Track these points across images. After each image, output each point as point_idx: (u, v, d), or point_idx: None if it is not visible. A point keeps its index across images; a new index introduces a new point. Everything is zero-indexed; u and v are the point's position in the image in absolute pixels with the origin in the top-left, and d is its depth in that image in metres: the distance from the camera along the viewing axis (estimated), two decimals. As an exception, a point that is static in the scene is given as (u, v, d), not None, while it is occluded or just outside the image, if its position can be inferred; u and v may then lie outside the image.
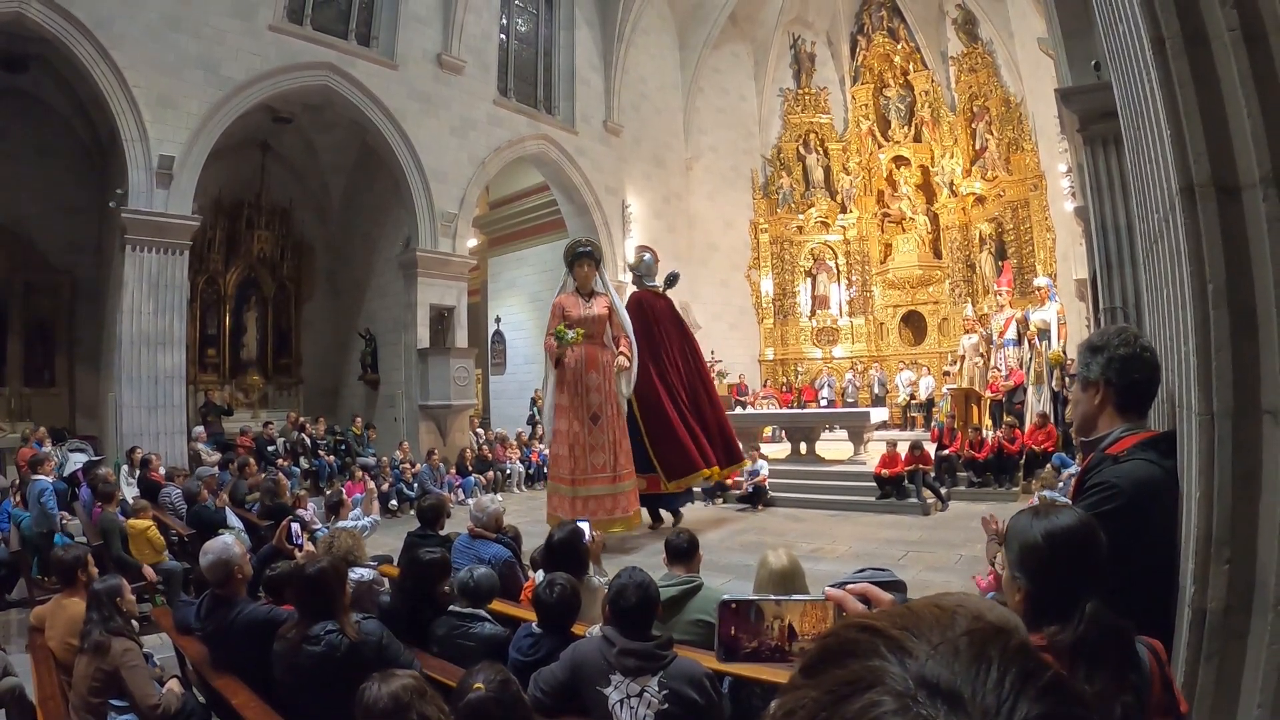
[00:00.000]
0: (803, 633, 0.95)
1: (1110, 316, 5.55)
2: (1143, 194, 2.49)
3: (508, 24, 17.79)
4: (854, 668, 0.49)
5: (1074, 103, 5.78)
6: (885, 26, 21.25)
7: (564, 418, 9.25)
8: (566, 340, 9.00)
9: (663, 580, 3.86)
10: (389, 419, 15.99)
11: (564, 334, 9.01)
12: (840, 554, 8.79)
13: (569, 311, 9.32)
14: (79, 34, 10.80)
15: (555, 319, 9.31)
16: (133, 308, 11.49)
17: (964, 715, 0.45)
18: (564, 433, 9.21)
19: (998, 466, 11.97)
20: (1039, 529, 1.57)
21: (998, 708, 0.46)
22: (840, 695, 0.48)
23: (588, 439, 9.19)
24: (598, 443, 9.26)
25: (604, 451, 9.29)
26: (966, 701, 0.46)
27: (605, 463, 9.26)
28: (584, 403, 9.25)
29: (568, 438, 9.18)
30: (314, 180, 17.70)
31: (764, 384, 21.26)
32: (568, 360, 9.22)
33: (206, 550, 3.80)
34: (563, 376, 9.28)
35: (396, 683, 2.22)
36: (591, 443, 9.21)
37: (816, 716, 0.48)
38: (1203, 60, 1.69)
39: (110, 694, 3.49)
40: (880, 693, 0.47)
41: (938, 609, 0.54)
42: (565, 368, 9.25)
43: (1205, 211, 1.66)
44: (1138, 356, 2.10)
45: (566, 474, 9.14)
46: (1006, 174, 18.40)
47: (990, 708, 0.46)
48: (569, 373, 9.26)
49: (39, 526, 7.60)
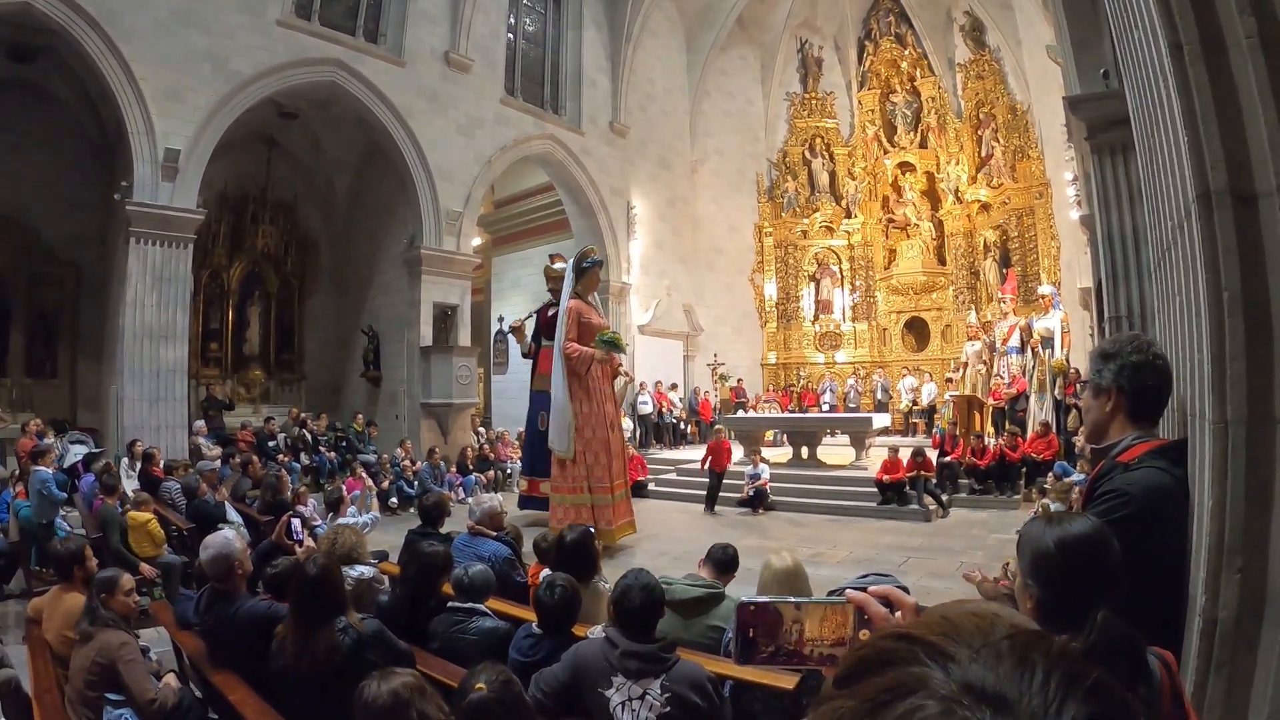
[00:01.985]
0: (821, 637, 0.93)
1: (1115, 326, 5.54)
2: (1155, 201, 2.48)
3: (516, 23, 17.80)
4: (893, 675, 0.48)
5: (1082, 111, 5.77)
6: (893, 32, 21.23)
7: (589, 426, 9.15)
8: (622, 347, 8.92)
9: (687, 579, 3.88)
10: (391, 416, 15.98)
11: (619, 341, 8.91)
12: (841, 559, 8.79)
13: (588, 318, 9.25)
14: (87, 26, 10.82)
15: (574, 324, 9.20)
16: (136, 300, 11.50)
17: (1011, 718, 0.44)
18: (590, 440, 9.11)
19: (999, 474, 11.95)
20: (1051, 536, 1.56)
21: (1045, 709, 0.45)
22: (880, 702, 0.46)
23: (614, 447, 9.18)
24: (617, 451, 9.26)
25: (620, 459, 9.31)
26: (1014, 704, 0.45)
27: (620, 469, 9.27)
28: (603, 411, 9.21)
29: (594, 445, 9.10)
30: (319, 176, 17.71)
31: (766, 389, 21.24)
32: (595, 369, 9.15)
33: (207, 545, 3.78)
34: (587, 384, 9.19)
35: (396, 680, 2.21)
36: (615, 450, 9.21)
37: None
38: (1220, 67, 1.68)
39: (107, 688, 3.48)
40: (923, 697, 0.45)
41: (975, 616, 0.53)
42: (591, 376, 9.17)
43: (1221, 219, 1.65)
44: (1150, 364, 2.08)
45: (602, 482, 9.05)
46: (1012, 181, 18.37)
47: (1038, 710, 0.45)
48: (593, 381, 9.19)
49: (39, 517, 7.60)
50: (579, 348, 9.09)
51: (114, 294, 12.51)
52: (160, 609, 4.89)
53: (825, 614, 0.94)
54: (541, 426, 9.93)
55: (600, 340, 9.05)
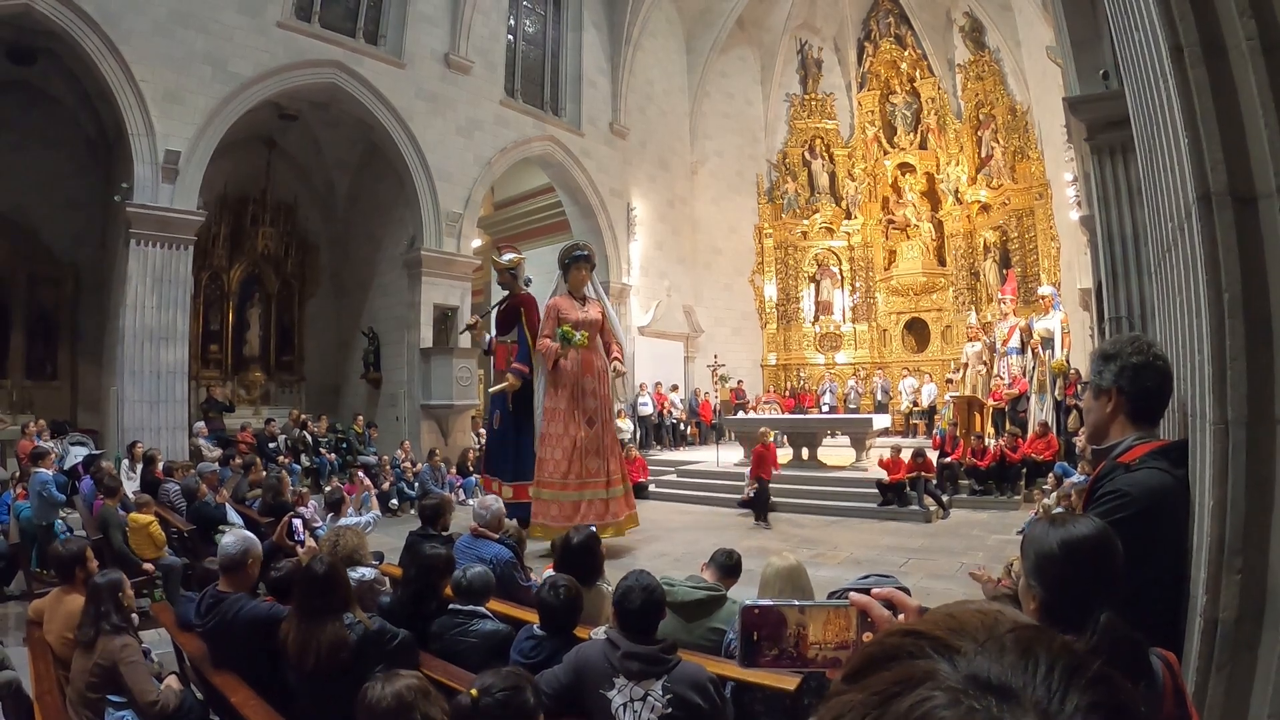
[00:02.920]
0: (825, 639, 0.94)
1: (1115, 326, 5.55)
2: (1155, 202, 2.48)
3: (515, 25, 17.80)
4: (902, 669, 0.50)
5: (1082, 111, 5.78)
6: (892, 33, 21.25)
7: (559, 421, 9.18)
8: (574, 342, 8.96)
9: (689, 581, 3.89)
10: (391, 418, 15.98)
11: (571, 335, 8.96)
12: (841, 560, 8.78)
13: (565, 314, 9.27)
14: (87, 27, 10.82)
15: (551, 320, 9.25)
16: (136, 302, 11.50)
17: (1016, 707, 0.46)
18: (559, 435, 9.14)
19: (1000, 475, 11.95)
20: (1056, 538, 1.56)
21: (1049, 699, 0.46)
22: (889, 695, 0.48)
23: (585, 443, 9.17)
24: (593, 447, 9.25)
25: (599, 456, 9.29)
26: (1018, 693, 0.46)
27: (600, 468, 9.26)
28: (581, 407, 9.23)
29: (563, 441, 9.13)
30: (319, 177, 17.71)
31: (767, 390, 21.24)
32: (565, 364, 9.19)
33: (229, 540, 3.81)
34: (558, 379, 9.23)
35: (400, 682, 2.21)
36: (588, 447, 9.20)
37: (866, 718, 0.48)
38: (1220, 69, 1.69)
39: (108, 690, 3.48)
40: (930, 688, 0.47)
41: (980, 613, 0.55)
42: (562, 371, 9.21)
43: (1222, 220, 1.66)
44: (1150, 365, 2.09)
45: (558, 478, 9.07)
46: (1012, 182, 18.36)
47: (1042, 699, 0.46)
48: (566, 376, 9.22)
49: (39, 519, 7.60)
50: (547, 343, 9.17)
51: (114, 295, 12.50)
52: (161, 610, 4.88)
53: (828, 617, 0.94)
54: (496, 425, 10.00)
55: (557, 333, 9.10)
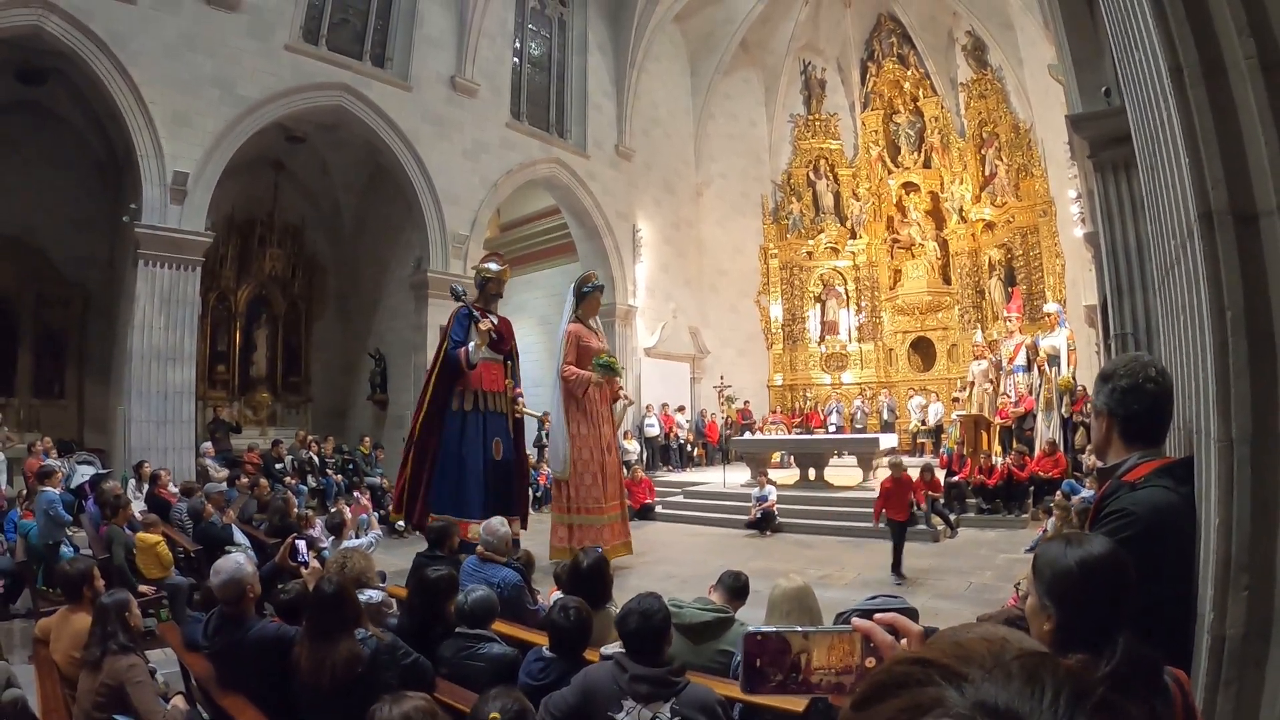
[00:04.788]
0: (829, 665, 0.94)
1: (1120, 342, 5.55)
2: (1158, 220, 2.49)
3: (521, 48, 17.96)
4: (910, 696, 0.50)
5: (1084, 129, 5.81)
6: (895, 53, 21.36)
7: (585, 448, 9.23)
8: (617, 371, 8.99)
9: (697, 603, 3.88)
10: (397, 440, 15.90)
11: (615, 364, 8.98)
12: (849, 581, 8.74)
13: (587, 341, 9.32)
14: (96, 49, 10.93)
15: (573, 348, 9.28)
16: (144, 322, 11.54)
17: None
18: (587, 462, 9.20)
19: (1007, 493, 11.89)
20: (1074, 557, 1.55)
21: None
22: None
23: (610, 470, 9.24)
24: (611, 474, 9.30)
25: (614, 482, 9.34)
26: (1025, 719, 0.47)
27: (615, 492, 9.30)
28: (599, 434, 9.27)
29: (590, 466, 9.17)
30: (326, 199, 17.82)
31: (773, 410, 21.21)
32: (592, 392, 9.21)
33: (218, 569, 3.77)
34: (584, 407, 9.25)
35: (408, 704, 2.21)
36: (611, 473, 9.25)
37: None
38: (1220, 88, 1.70)
39: (115, 709, 3.47)
40: (939, 715, 0.47)
41: (986, 640, 0.55)
42: (589, 399, 9.23)
43: (1223, 238, 1.66)
44: (1138, 388, 2.08)
45: (593, 503, 9.09)
46: (1016, 200, 18.40)
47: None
48: (591, 404, 9.25)
49: (46, 537, 7.61)
50: (576, 371, 9.17)
51: (122, 315, 12.57)
52: (168, 630, 4.89)
53: (832, 642, 0.94)
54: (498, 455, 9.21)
55: (597, 364, 9.13)
